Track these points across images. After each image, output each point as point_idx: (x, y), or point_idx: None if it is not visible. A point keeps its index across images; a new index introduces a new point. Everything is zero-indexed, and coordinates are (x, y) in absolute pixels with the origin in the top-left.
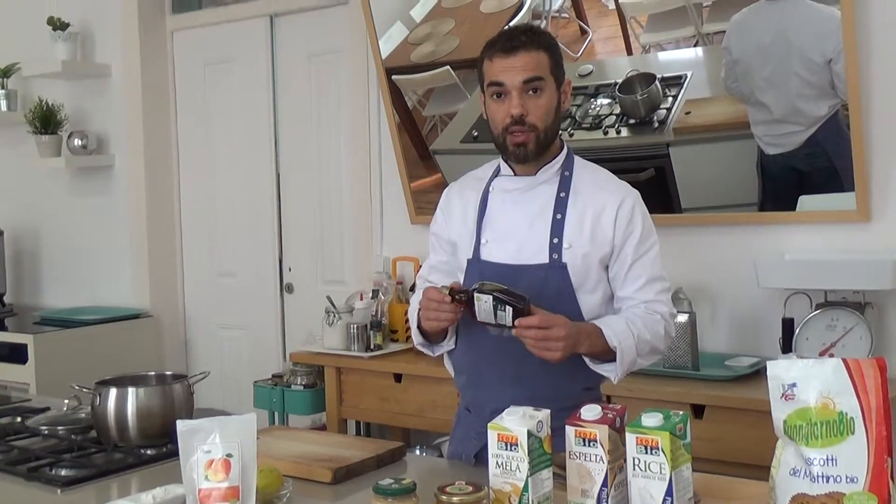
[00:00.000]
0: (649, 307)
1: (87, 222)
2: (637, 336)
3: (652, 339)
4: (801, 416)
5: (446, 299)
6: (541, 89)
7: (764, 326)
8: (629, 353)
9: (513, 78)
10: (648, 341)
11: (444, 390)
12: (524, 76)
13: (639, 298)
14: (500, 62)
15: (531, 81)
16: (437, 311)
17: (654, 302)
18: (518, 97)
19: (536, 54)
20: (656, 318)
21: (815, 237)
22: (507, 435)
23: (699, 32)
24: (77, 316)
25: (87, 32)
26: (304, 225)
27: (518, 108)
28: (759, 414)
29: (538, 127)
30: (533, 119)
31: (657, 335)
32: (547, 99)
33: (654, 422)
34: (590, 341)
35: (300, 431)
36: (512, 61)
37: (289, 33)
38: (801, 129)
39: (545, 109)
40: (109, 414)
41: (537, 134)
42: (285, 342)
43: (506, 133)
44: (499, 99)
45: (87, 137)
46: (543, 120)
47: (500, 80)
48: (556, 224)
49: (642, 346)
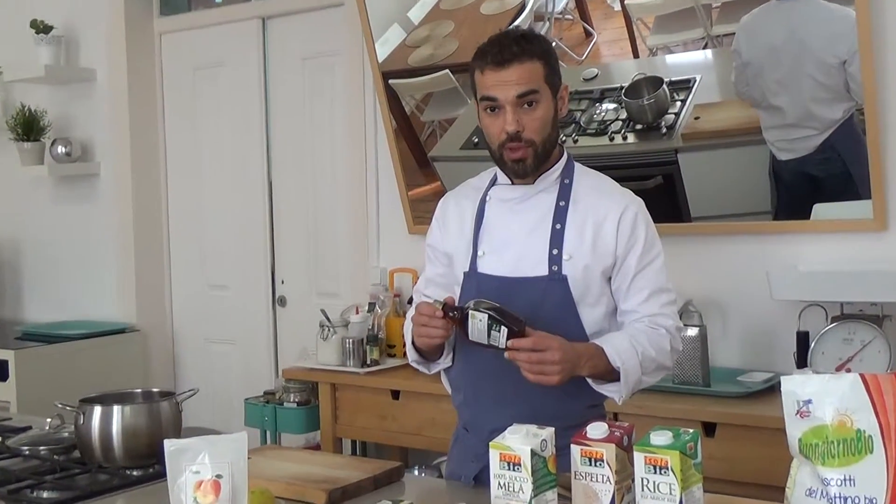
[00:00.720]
0: (654, 321)
1: (71, 233)
2: (642, 354)
3: (657, 355)
4: (817, 434)
5: (438, 314)
6: (536, 102)
7: (777, 340)
8: (634, 373)
9: (506, 93)
10: (654, 358)
11: (443, 408)
12: (517, 90)
13: (642, 312)
14: (491, 75)
15: (525, 95)
16: (427, 326)
17: (658, 315)
18: (512, 112)
19: (530, 64)
20: (661, 333)
21: (830, 247)
22: (510, 454)
23: (708, 34)
24: (60, 330)
25: (72, 36)
26: (297, 235)
27: (513, 125)
28: (772, 432)
29: (535, 141)
30: (529, 134)
31: (663, 351)
32: (543, 111)
33: (663, 440)
34: (591, 363)
35: (293, 451)
36: (504, 75)
37: (281, 36)
38: (814, 133)
39: (541, 122)
40: (94, 433)
41: (535, 148)
42: (278, 358)
43: (502, 148)
44: (493, 113)
45: (72, 144)
46: (540, 133)
47: (493, 94)
48: (555, 234)
49: (647, 363)
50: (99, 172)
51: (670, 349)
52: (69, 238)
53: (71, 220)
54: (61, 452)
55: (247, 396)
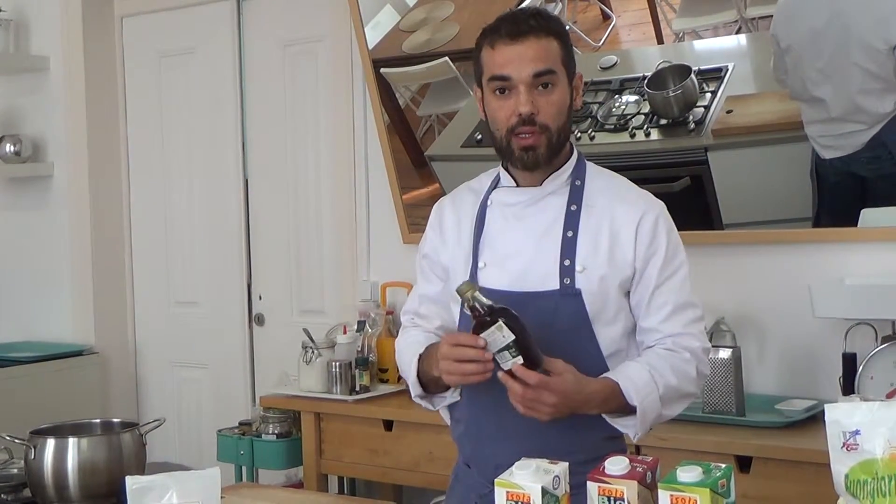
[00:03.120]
0: (677, 342)
1: (20, 242)
2: (663, 387)
3: (680, 383)
4: (865, 469)
5: (487, 356)
6: (552, 84)
7: (821, 363)
8: (652, 411)
9: (521, 70)
10: (676, 387)
11: (442, 440)
12: (534, 68)
13: (664, 332)
14: (504, 50)
15: (542, 75)
16: (465, 362)
17: (683, 335)
18: (527, 92)
19: (547, 42)
20: (686, 358)
21: (880, 258)
22: (518, 493)
23: (742, 17)
24: (8, 353)
25: (22, 19)
26: (276, 245)
27: (527, 106)
28: (816, 467)
29: (550, 128)
30: (544, 118)
31: (687, 378)
32: (559, 95)
33: (691, 477)
34: (603, 406)
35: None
36: (519, 49)
37: (259, 19)
38: (863, 128)
39: (557, 107)
40: (46, 469)
41: (549, 136)
42: (254, 383)
43: (511, 135)
44: (502, 95)
45: (21, 142)
46: (556, 119)
47: (506, 73)
48: (567, 243)
49: (669, 394)
50: (52, 174)
51: (696, 375)
52: (18, 248)
53: (20, 228)
54: (9, 491)
55: (219, 427)
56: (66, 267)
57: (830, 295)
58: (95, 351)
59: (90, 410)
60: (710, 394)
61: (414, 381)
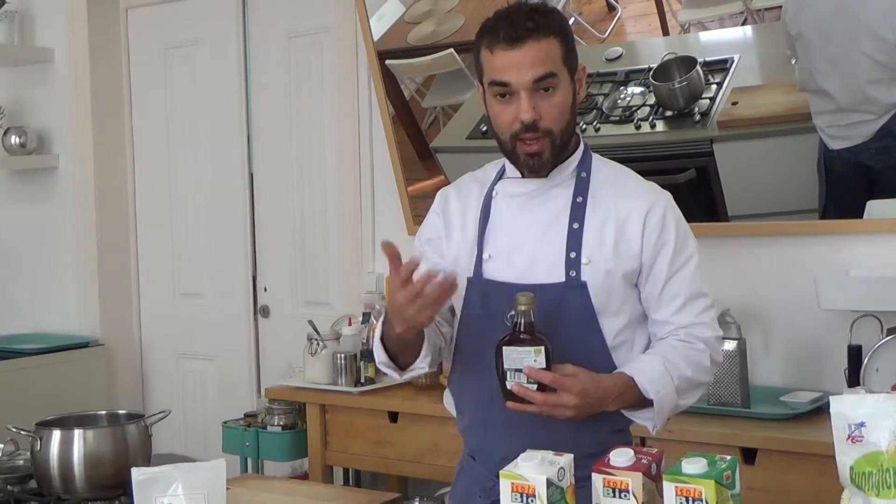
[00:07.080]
0: (690, 333)
1: (26, 234)
2: (678, 377)
3: (694, 374)
4: (870, 461)
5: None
6: (554, 87)
7: (826, 355)
8: (669, 402)
9: (520, 77)
10: (690, 378)
11: (448, 432)
12: (534, 74)
13: (676, 323)
14: (503, 56)
15: (543, 79)
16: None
17: (695, 326)
18: (528, 99)
19: (547, 43)
20: (699, 348)
21: (886, 250)
22: (523, 484)
23: (748, 8)
24: (14, 345)
25: (27, 11)
26: (282, 236)
27: (529, 113)
28: (821, 459)
29: (553, 131)
30: (547, 123)
31: (700, 368)
32: (562, 96)
33: (696, 468)
34: (619, 400)
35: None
36: (518, 55)
37: (264, 11)
38: (871, 118)
39: (560, 109)
40: (52, 461)
41: (553, 139)
42: (260, 375)
43: (515, 140)
44: (504, 100)
45: (27, 134)
46: (559, 122)
47: (506, 79)
48: (572, 235)
49: (684, 385)
50: (57, 166)
51: (709, 364)
52: (23, 240)
53: (26, 219)
54: (16, 482)
55: (225, 419)
56: (72, 259)
57: (836, 287)
58: (101, 343)
59: (96, 402)
60: (715, 385)
61: (378, 344)
